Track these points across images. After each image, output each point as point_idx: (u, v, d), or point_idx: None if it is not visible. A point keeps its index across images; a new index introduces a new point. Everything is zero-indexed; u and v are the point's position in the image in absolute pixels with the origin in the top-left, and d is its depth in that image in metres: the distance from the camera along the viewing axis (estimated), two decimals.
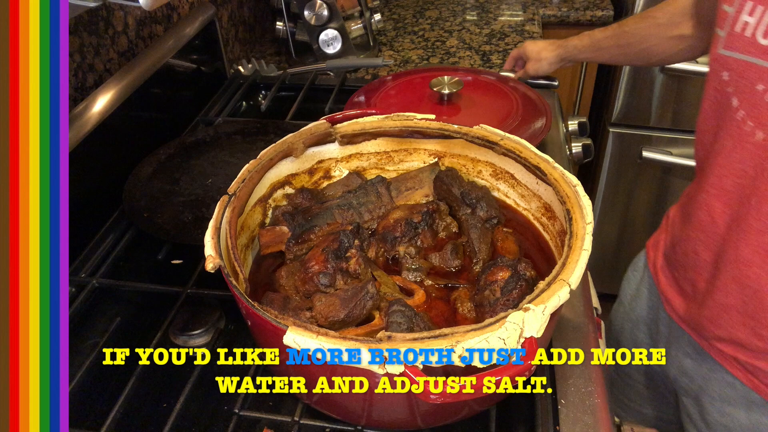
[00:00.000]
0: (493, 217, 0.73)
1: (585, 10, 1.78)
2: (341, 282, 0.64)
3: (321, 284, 0.64)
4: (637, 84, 1.76)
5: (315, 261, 0.65)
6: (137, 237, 0.93)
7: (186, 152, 1.06)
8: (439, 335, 0.49)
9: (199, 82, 1.29)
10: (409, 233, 0.71)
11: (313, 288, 0.64)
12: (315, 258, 0.65)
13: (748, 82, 0.66)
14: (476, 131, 0.77)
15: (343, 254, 0.66)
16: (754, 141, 0.67)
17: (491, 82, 1.21)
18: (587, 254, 0.57)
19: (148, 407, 0.69)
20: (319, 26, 1.43)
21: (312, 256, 0.66)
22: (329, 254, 0.65)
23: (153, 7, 0.61)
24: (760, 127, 0.66)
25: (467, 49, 1.58)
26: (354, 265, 0.66)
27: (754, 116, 0.67)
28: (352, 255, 0.66)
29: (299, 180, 0.78)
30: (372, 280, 0.62)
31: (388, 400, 0.58)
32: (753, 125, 0.67)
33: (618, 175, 1.93)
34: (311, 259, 0.66)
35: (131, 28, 1.12)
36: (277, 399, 0.69)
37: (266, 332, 0.55)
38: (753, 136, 0.67)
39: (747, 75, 0.66)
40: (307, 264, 0.65)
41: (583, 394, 0.67)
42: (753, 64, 0.65)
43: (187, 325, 0.77)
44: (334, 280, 0.64)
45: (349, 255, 0.66)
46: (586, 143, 1.21)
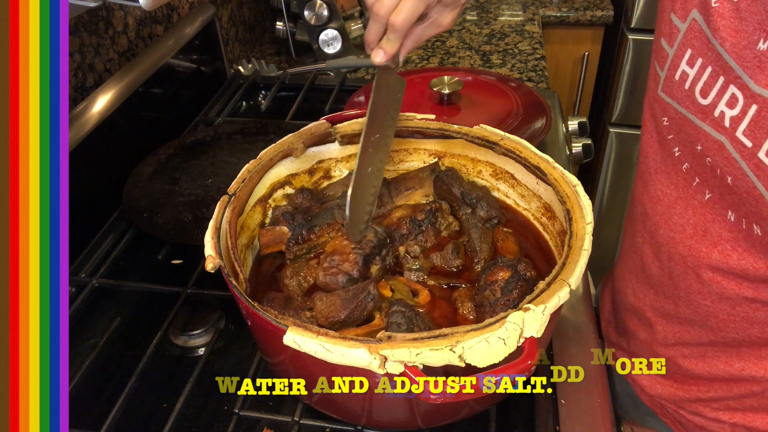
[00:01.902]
0: (494, 217, 0.73)
1: (585, 10, 1.78)
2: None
3: (340, 283, 0.64)
4: (637, 84, 1.76)
5: (344, 258, 0.65)
6: (137, 237, 0.93)
7: (186, 152, 1.06)
8: (439, 335, 0.49)
9: (199, 82, 1.29)
10: (414, 231, 0.72)
11: (333, 283, 0.64)
12: (344, 254, 0.65)
13: (687, 137, 0.61)
14: (476, 131, 0.77)
15: (371, 261, 0.66)
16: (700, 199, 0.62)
17: (491, 82, 1.21)
18: (587, 254, 0.57)
19: (148, 407, 0.69)
20: (319, 26, 1.43)
21: (339, 249, 0.66)
22: (360, 258, 0.65)
23: (153, 7, 0.61)
24: (706, 186, 0.61)
25: (467, 49, 1.58)
26: (375, 274, 0.66)
27: (699, 174, 0.61)
28: (376, 262, 0.66)
29: (299, 180, 0.78)
30: (373, 281, 0.62)
31: (388, 400, 0.58)
32: (699, 181, 0.62)
33: (618, 175, 1.93)
34: (337, 253, 0.65)
35: (131, 28, 1.12)
36: (277, 399, 0.69)
37: (266, 332, 0.55)
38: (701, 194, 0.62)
39: (686, 130, 0.61)
40: (334, 255, 0.65)
41: (583, 394, 0.67)
42: (691, 121, 0.60)
43: (187, 325, 0.77)
44: (351, 285, 0.64)
45: (374, 261, 0.66)
46: (586, 143, 1.21)
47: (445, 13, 0.67)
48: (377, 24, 0.64)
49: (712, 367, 0.70)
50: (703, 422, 0.74)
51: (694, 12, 0.57)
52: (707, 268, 0.63)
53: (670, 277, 0.69)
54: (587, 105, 1.98)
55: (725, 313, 0.65)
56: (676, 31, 0.60)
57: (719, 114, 0.55)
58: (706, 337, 0.69)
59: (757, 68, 0.51)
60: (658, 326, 0.74)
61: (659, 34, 0.64)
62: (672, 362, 0.74)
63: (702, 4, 0.56)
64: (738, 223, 0.59)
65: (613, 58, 1.85)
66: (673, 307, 0.70)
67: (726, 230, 0.60)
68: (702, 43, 0.57)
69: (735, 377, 0.69)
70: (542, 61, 1.51)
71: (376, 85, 0.68)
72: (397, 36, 0.64)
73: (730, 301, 0.64)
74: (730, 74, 0.54)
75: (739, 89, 0.53)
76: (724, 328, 0.66)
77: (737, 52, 0.53)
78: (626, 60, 1.75)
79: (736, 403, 0.71)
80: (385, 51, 0.66)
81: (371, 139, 0.67)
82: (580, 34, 1.82)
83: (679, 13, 0.59)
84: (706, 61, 0.56)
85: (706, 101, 0.57)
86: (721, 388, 0.71)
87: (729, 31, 0.53)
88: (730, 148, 0.55)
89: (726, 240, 0.61)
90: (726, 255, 0.61)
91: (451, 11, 0.67)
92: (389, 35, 0.65)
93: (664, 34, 0.62)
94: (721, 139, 0.56)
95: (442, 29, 0.68)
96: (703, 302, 0.66)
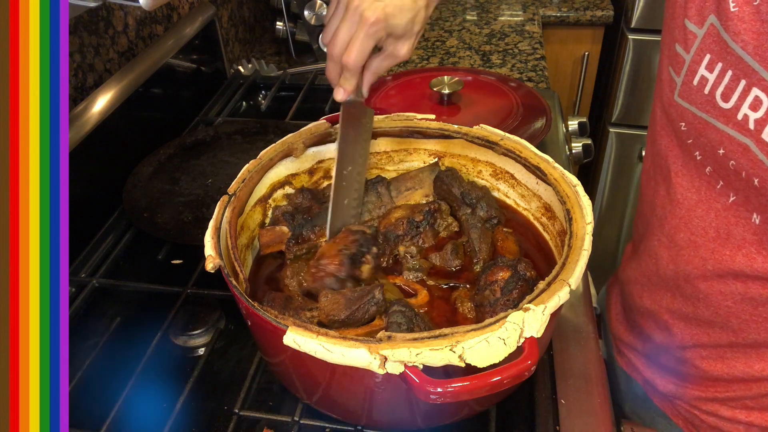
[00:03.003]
0: (493, 217, 0.73)
1: (585, 10, 1.78)
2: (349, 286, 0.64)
3: (328, 285, 0.64)
4: (637, 84, 1.76)
5: (329, 259, 0.65)
6: (137, 237, 0.93)
7: (186, 152, 1.06)
8: (439, 335, 0.49)
9: (199, 82, 1.29)
10: (411, 232, 0.71)
11: (321, 287, 0.64)
12: (329, 256, 0.65)
13: (708, 141, 0.60)
14: (476, 131, 0.77)
15: (359, 260, 0.65)
16: (723, 202, 0.62)
17: (491, 82, 1.21)
18: (587, 254, 0.57)
19: (148, 407, 0.69)
20: (319, 26, 1.43)
21: (326, 252, 0.65)
22: (345, 258, 0.64)
23: (153, 7, 0.61)
24: (730, 188, 0.60)
25: (467, 49, 1.58)
26: (366, 273, 0.65)
27: (723, 177, 0.61)
28: (366, 261, 0.66)
29: (299, 180, 0.78)
30: (380, 287, 0.61)
31: (388, 400, 0.58)
32: (723, 185, 0.61)
33: (618, 175, 1.93)
34: (325, 256, 0.65)
35: (131, 28, 1.12)
36: (277, 399, 0.69)
37: (266, 332, 0.55)
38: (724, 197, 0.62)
39: (706, 134, 0.60)
40: (321, 260, 0.65)
41: (583, 394, 0.67)
42: (712, 126, 0.59)
43: (187, 325, 0.77)
44: (343, 285, 0.63)
45: (364, 260, 0.66)
46: (586, 143, 1.22)
47: (399, 45, 0.68)
48: (332, 63, 0.67)
49: (731, 369, 0.70)
50: (717, 422, 0.74)
51: (712, 17, 0.57)
52: (730, 271, 0.63)
53: (688, 280, 0.69)
54: (587, 105, 1.98)
55: (747, 314, 0.65)
56: (692, 37, 0.60)
57: (743, 117, 0.56)
58: (726, 338, 0.69)
59: None
60: (676, 329, 0.74)
61: (673, 40, 0.63)
62: (690, 363, 0.74)
63: (719, 9, 0.56)
64: (764, 225, 0.59)
65: (613, 58, 1.85)
66: (692, 309, 0.70)
67: (750, 233, 0.60)
68: (721, 48, 0.57)
69: (755, 378, 0.69)
70: (542, 61, 1.51)
71: (342, 120, 0.71)
72: (352, 74, 0.67)
73: (753, 302, 0.64)
74: (752, 77, 0.54)
75: (763, 91, 0.53)
76: (745, 328, 0.66)
77: (760, 54, 0.53)
78: (626, 60, 1.75)
79: (753, 403, 0.71)
80: (344, 89, 0.69)
81: (344, 172, 0.70)
82: (580, 34, 1.82)
83: (694, 19, 0.59)
84: (726, 65, 0.56)
85: (728, 105, 0.57)
86: (740, 388, 0.71)
87: (751, 34, 0.53)
88: (756, 150, 0.55)
89: (750, 243, 0.61)
90: (750, 258, 0.61)
91: (406, 41, 0.68)
92: (345, 74, 0.67)
93: (678, 40, 0.62)
94: (746, 142, 0.56)
95: (400, 59, 0.69)
96: (725, 303, 0.66)
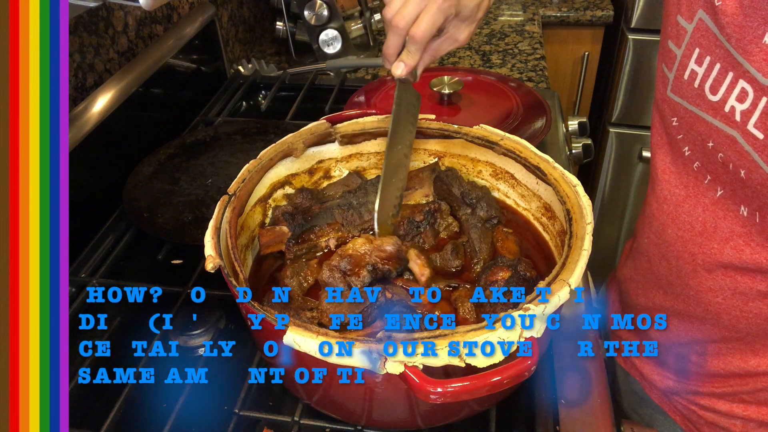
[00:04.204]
0: (493, 217, 0.73)
1: (585, 10, 1.78)
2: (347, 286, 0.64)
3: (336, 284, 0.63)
4: (638, 84, 1.76)
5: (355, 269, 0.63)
6: (137, 237, 0.93)
7: (186, 152, 1.06)
8: (439, 335, 0.49)
9: (199, 82, 1.29)
10: (411, 232, 0.71)
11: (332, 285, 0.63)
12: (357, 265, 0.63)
13: (698, 135, 0.61)
14: (476, 131, 0.77)
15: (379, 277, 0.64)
16: (711, 197, 0.63)
17: (491, 82, 1.21)
18: (587, 254, 0.57)
19: (148, 407, 0.69)
20: (319, 26, 1.43)
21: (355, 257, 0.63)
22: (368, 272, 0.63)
23: (153, 7, 0.62)
24: (718, 182, 0.61)
25: (467, 49, 1.58)
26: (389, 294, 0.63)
27: (711, 171, 0.62)
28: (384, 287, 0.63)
29: (299, 180, 0.78)
30: (382, 290, 0.61)
31: (388, 400, 0.58)
32: (711, 179, 0.62)
33: (618, 175, 1.93)
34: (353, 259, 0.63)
35: (131, 28, 1.12)
36: (277, 399, 0.69)
37: (266, 332, 0.55)
38: (712, 191, 0.62)
39: (696, 128, 0.61)
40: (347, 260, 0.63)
41: (583, 394, 0.67)
42: (702, 119, 0.60)
43: (187, 325, 0.77)
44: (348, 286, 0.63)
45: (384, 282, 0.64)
46: (586, 143, 1.22)
47: (461, 28, 0.68)
48: (396, 36, 0.65)
49: (728, 364, 0.70)
50: (715, 417, 0.75)
51: (700, 12, 0.58)
52: (719, 264, 0.64)
53: (679, 277, 0.70)
54: (587, 105, 1.98)
55: (738, 310, 0.65)
56: (683, 32, 0.61)
57: (730, 109, 0.56)
58: (720, 334, 0.69)
59: (764, 61, 0.52)
60: (671, 325, 0.74)
61: (666, 37, 0.64)
62: (687, 360, 0.75)
63: (707, 3, 0.57)
64: (751, 217, 0.59)
65: (613, 58, 1.85)
66: (684, 306, 0.71)
67: (738, 225, 0.61)
68: (709, 41, 0.58)
69: (750, 373, 0.69)
70: (542, 61, 1.51)
71: (397, 100, 0.70)
72: (417, 48, 0.66)
73: (743, 297, 0.64)
74: (738, 69, 0.55)
75: (749, 83, 0.54)
76: (737, 324, 0.67)
77: (743, 47, 0.54)
78: (626, 60, 1.75)
79: (750, 397, 0.71)
80: (406, 63, 0.67)
81: (394, 150, 0.69)
82: (580, 34, 1.82)
83: (685, 14, 0.60)
84: (715, 58, 0.57)
85: (716, 97, 0.58)
86: (737, 383, 0.71)
87: (734, 27, 0.54)
88: (742, 142, 0.56)
89: (738, 235, 0.61)
90: (739, 250, 0.62)
91: (468, 26, 0.68)
92: (409, 47, 0.66)
93: (671, 36, 0.63)
94: (732, 134, 0.57)
95: (458, 44, 0.70)
96: (715, 299, 0.66)
